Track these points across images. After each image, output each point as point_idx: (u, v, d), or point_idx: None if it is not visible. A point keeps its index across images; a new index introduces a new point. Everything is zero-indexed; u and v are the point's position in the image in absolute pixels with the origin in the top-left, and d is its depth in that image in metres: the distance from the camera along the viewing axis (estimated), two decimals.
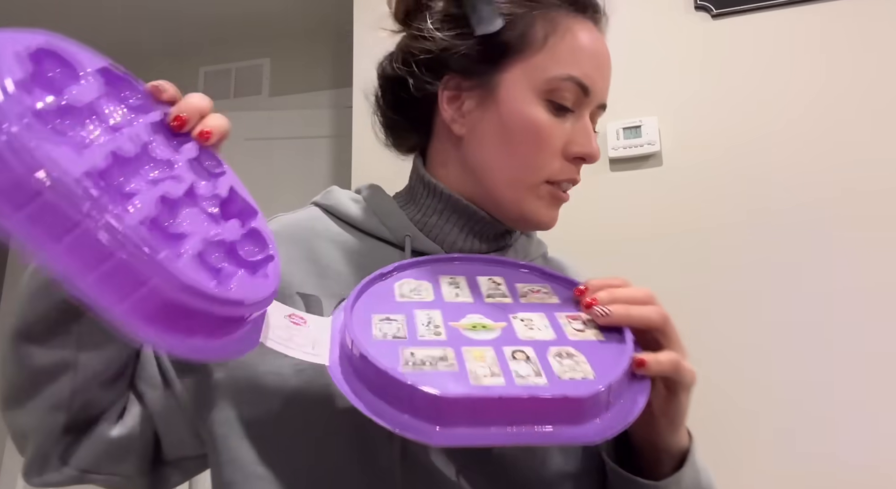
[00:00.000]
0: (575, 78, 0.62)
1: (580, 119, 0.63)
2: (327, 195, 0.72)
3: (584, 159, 0.63)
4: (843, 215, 1.53)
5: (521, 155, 0.62)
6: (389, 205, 0.69)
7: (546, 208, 0.64)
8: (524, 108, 0.62)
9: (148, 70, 3.17)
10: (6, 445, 2.63)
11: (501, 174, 0.63)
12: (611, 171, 1.72)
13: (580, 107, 0.63)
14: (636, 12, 1.80)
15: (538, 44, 0.62)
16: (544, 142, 0.61)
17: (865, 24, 1.62)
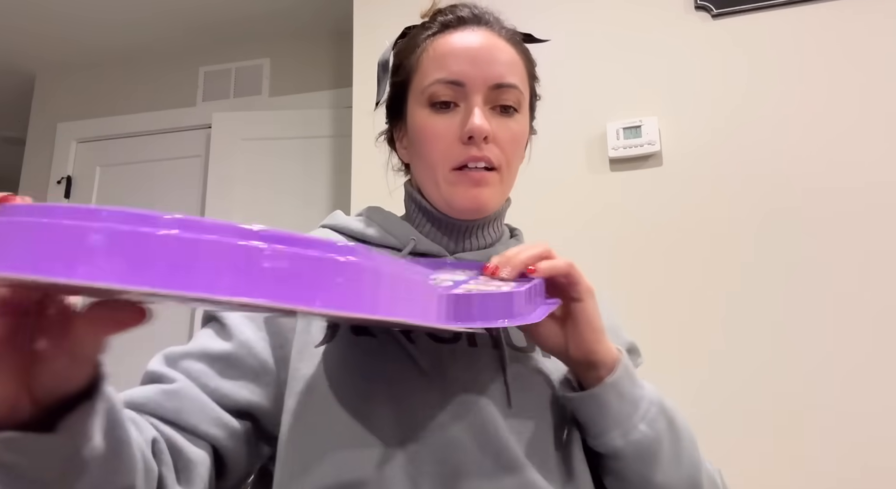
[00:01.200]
0: (440, 79, 0.71)
1: (467, 105, 0.71)
2: (333, 217, 0.80)
3: (472, 137, 0.69)
4: (845, 214, 1.53)
5: (425, 155, 0.72)
6: (390, 217, 0.78)
7: (463, 191, 0.71)
8: (416, 120, 0.73)
9: (148, 70, 3.19)
10: None
11: (424, 178, 0.74)
12: (611, 171, 1.72)
13: (464, 98, 0.71)
14: (636, 12, 1.80)
15: (414, 68, 0.74)
16: (434, 136, 0.71)
17: (865, 24, 1.62)
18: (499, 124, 0.71)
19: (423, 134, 0.72)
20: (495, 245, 0.78)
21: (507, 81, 0.72)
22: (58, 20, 2.78)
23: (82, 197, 2.93)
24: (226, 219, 2.67)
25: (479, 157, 0.70)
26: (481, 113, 0.70)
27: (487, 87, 0.71)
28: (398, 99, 0.77)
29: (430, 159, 0.72)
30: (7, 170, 4.05)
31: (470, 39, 0.73)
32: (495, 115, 0.72)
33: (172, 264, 0.29)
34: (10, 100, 3.34)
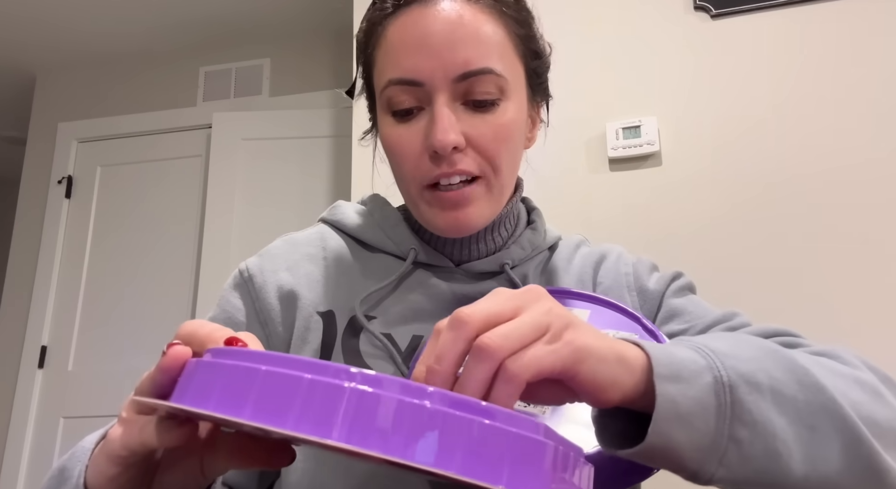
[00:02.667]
0: (393, 80, 0.59)
1: (431, 110, 0.58)
2: (334, 211, 0.73)
3: (436, 151, 0.57)
4: (845, 214, 1.54)
5: (396, 172, 0.63)
6: (394, 218, 0.69)
7: (439, 213, 0.60)
8: (382, 129, 0.63)
9: (149, 70, 3.19)
10: (6, 446, 2.64)
11: (402, 193, 0.65)
12: (610, 171, 1.72)
13: (426, 99, 0.58)
14: (636, 12, 1.80)
15: (372, 67, 0.64)
16: (399, 152, 0.60)
17: (865, 24, 1.62)
18: (474, 123, 0.58)
19: (388, 146, 0.62)
20: (508, 246, 0.69)
21: (476, 67, 0.57)
22: (58, 20, 2.79)
23: (83, 196, 2.93)
24: (225, 218, 2.66)
25: (451, 172, 0.58)
26: (446, 117, 0.57)
27: (450, 81, 0.57)
28: (370, 98, 0.69)
29: (402, 175, 0.62)
30: (7, 170, 4.06)
31: (424, 21, 0.58)
32: (468, 112, 0.59)
33: (408, 434, 0.29)
34: (11, 100, 3.34)
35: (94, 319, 2.75)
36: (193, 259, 2.71)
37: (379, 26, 0.62)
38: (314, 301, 0.64)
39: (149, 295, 2.73)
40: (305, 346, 0.62)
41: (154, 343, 2.62)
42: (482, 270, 0.67)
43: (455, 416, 0.30)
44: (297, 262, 0.67)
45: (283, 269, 0.66)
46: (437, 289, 0.65)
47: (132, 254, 2.80)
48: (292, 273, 0.66)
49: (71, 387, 2.67)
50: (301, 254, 0.68)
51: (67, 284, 2.82)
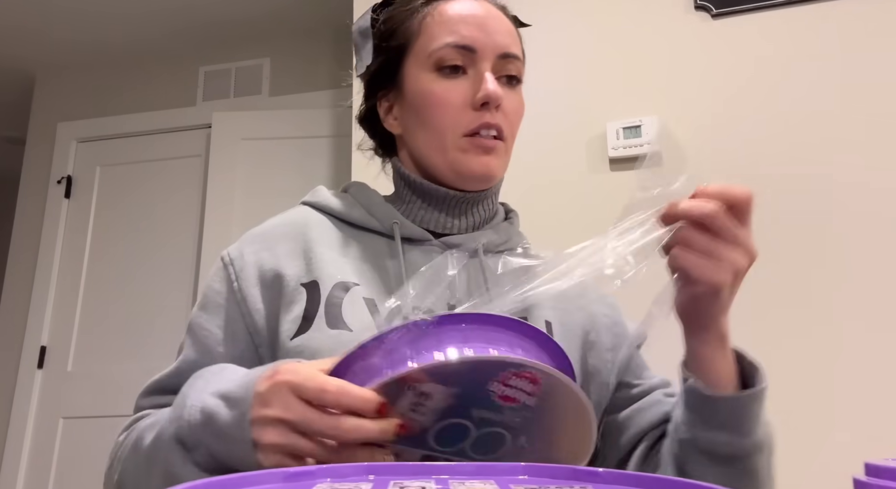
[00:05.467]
0: (450, 43, 0.69)
1: (478, 71, 0.70)
2: (315, 193, 0.79)
3: (486, 102, 0.68)
4: (845, 214, 1.53)
5: (431, 122, 0.70)
6: (374, 197, 0.76)
7: (474, 157, 0.69)
8: (419, 85, 0.71)
9: (148, 70, 3.19)
10: (6, 446, 2.63)
11: (427, 146, 0.71)
12: (611, 171, 1.72)
13: (473, 64, 0.70)
14: (636, 12, 1.80)
15: (416, 33, 0.72)
16: (442, 103, 0.69)
17: (865, 24, 1.62)
18: (505, 94, 0.71)
19: (430, 98, 0.70)
20: (484, 227, 0.76)
21: (513, 52, 0.72)
22: (58, 20, 2.79)
23: (82, 196, 2.93)
24: (225, 218, 2.66)
25: (493, 124, 0.69)
26: (493, 78, 0.69)
27: (496, 56, 0.70)
28: (391, 65, 0.75)
29: (439, 124, 0.70)
30: (7, 170, 4.05)
31: (476, 7, 0.72)
32: (501, 85, 0.71)
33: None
34: (11, 100, 3.34)
35: (94, 319, 2.75)
36: (193, 259, 2.70)
37: (424, 6, 0.73)
38: (297, 274, 0.68)
39: (148, 295, 2.72)
40: (287, 316, 0.66)
41: (154, 343, 2.62)
42: (458, 244, 0.73)
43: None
44: (277, 241, 0.71)
45: (264, 250, 0.70)
46: (415, 264, 0.70)
47: (132, 254, 2.80)
48: (272, 252, 0.70)
49: (70, 388, 2.67)
50: (280, 233, 0.72)
51: (67, 284, 2.82)
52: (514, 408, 0.49)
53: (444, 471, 0.36)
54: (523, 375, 0.47)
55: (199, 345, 0.68)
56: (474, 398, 0.48)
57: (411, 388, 0.46)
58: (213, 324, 0.68)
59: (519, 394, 0.48)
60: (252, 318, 0.67)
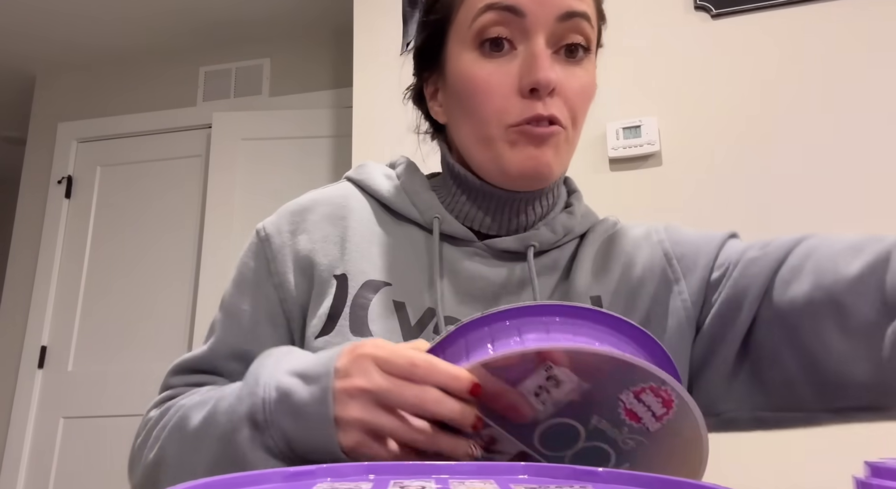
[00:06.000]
0: (492, 3, 0.56)
1: (529, 47, 0.57)
2: (360, 169, 0.70)
3: (536, 89, 0.56)
4: (846, 213, 1.54)
5: (473, 112, 0.59)
6: (420, 184, 0.67)
7: (522, 151, 0.58)
8: (460, 67, 0.60)
9: (148, 70, 3.19)
10: (6, 446, 2.64)
11: (469, 138, 0.61)
12: (611, 171, 1.72)
13: (523, 34, 0.57)
14: (636, 12, 1.80)
15: (458, 2, 0.60)
16: (485, 90, 0.58)
17: (865, 24, 1.62)
18: (565, 73, 0.58)
19: (471, 84, 0.58)
20: (538, 226, 0.65)
21: (579, 9, 0.57)
22: (58, 20, 2.79)
23: (83, 196, 2.93)
24: (225, 218, 2.66)
25: (544, 116, 0.56)
26: (547, 56, 0.56)
27: (553, 19, 0.56)
28: (433, 42, 0.64)
29: (481, 115, 0.58)
30: (7, 170, 4.05)
31: None
32: (560, 61, 0.58)
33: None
34: (11, 100, 3.34)
35: (94, 319, 2.75)
36: (193, 259, 2.71)
37: None
38: (330, 265, 0.62)
39: (149, 295, 2.73)
40: (319, 310, 0.61)
41: (154, 343, 2.62)
42: (506, 248, 0.63)
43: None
44: (316, 224, 0.64)
45: (301, 231, 0.64)
46: (455, 266, 0.63)
47: (132, 254, 2.80)
48: (310, 235, 0.64)
49: (71, 387, 2.67)
50: (321, 215, 0.65)
51: (67, 284, 2.82)
52: (634, 427, 0.45)
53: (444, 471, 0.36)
54: (660, 393, 0.43)
55: (235, 326, 0.63)
56: (601, 403, 0.44)
57: (547, 369, 0.43)
58: (248, 304, 0.63)
59: (645, 414, 0.44)
60: (288, 305, 0.63)
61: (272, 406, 0.46)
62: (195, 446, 0.52)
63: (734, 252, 0.62)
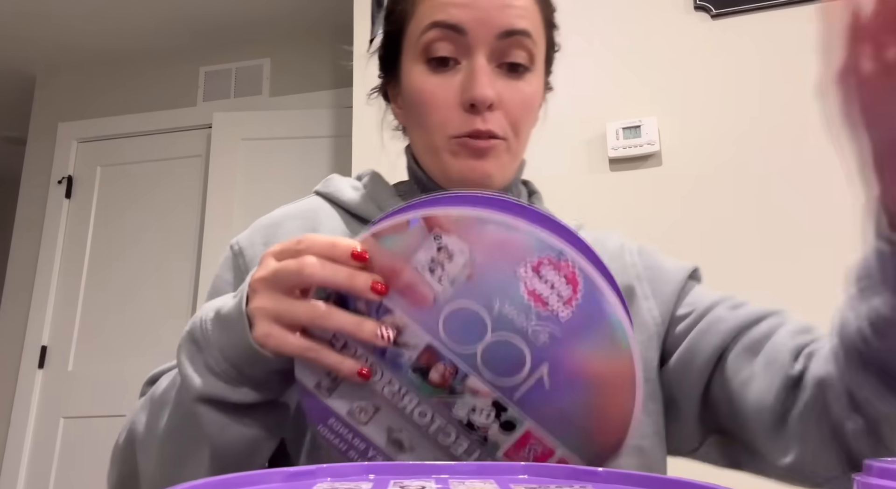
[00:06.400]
0: (437, 22, 0.60)
1: (470, 64, 0.60)
2: (327, 183, 0.73)
3: (474, 105, 0.59)
4: (845, 214, 1.54)
5: (420, 122, 0.63)
6: (387, 192, 0.69)
7: (464, 162, 0.61)
8: (411, 79, 0.63)
9: (149, 70, 3.19)
10: (6, 446, 2.64)
11: (418, 146, 0.66)
12: (610, 171, 1.72)
13: (466, 50, 0.60)
14: (636, 12, 1.80)
15: (410, 14, 0.63)
16: (430, 103, 0.61)
17: None
18: (506, 86, 0.61)
19: (419, 96, 0.62)
20: None
21: (518, 27, 0.60)
22: (58, 20, 2.79)
23: (83, 196, 2.93)
24: (225, 218, 2.66)
25: (483, 131, 0.60)
26: (486, 73, 0.59)
27: (494, 36, 0.60)
28: (392, 51, 0.67)
29: (427, 125, 0.62)
30: (7, 170, 4.06)
31: None
32: (502, 76, 0.61)
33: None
34: (11, 100, 3.34)
35: (94, 319, 2.75)
36: (193, 259, 2.71)
37: None
38: None
39: (149, 294, 2.73)
40: None
41: (154, 343, 2.62)
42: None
43: None
44: (288, 236, 0.65)
45: (273, 243, 0.66)
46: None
47: (132, 254, 2.80)
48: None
49: (71, 387, 2.67)
50: (292, 228, 0.67)
51: (67, 284, 2.82)
52: (542, 314, 0.42)
53: (444, 471, 0.37)
54: (561, 267, 0.41)
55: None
56: (499, 282, 0.42)
57: (436, 237, 0.42)
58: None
59: (551, 297, 0.42)
60: None
61: (208, 324, 0.49)
62: (161, 405, 0.53)
63: (704, 299, 0.68)
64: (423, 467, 0.37)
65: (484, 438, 0.45)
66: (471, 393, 0.44)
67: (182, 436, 0.50)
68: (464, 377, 0.44)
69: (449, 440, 0.46)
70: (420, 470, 0.36)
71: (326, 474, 0.35)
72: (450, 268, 0.43)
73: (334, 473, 0.35)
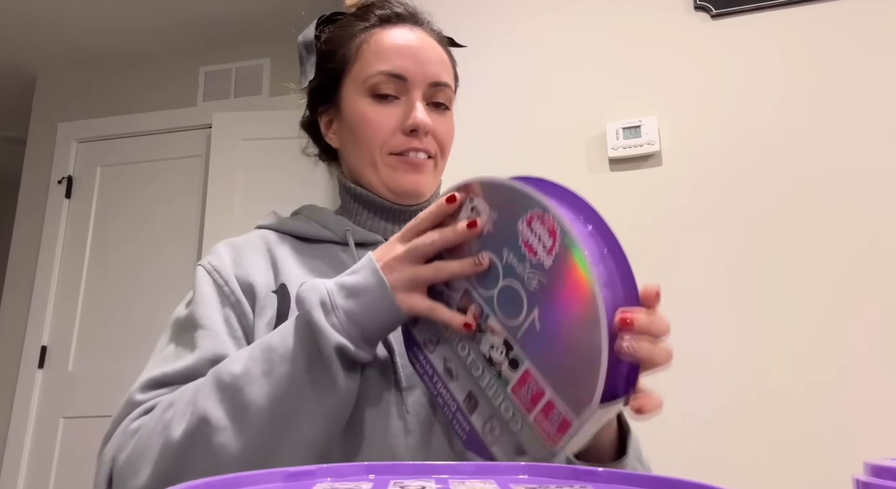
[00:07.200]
0: (384, 71, 0.75)
1: (410, 100, 0.76)
2: (268, 217, 0.83)
3: (415, 129, 0.74)
4: (846, 214, 1.54)
5: (363, 141, 0.76)
6: (325, 212, 0.81)
7: (403, 174, 0.76)
8: (354, 108, 0.77)
9: (149, 70, 3.19)
10: (6, 446, 2.64)
11: (360, 161, 0.78)
12: (610, 171, 1.72)
13: (405, 92, 0.76)
14: (636, 12, 1.80)
15: (353, 57, 0.78)
16: (374, 125, 0.75)
17: (865, 24, 1.63)
18: (435, 119, 0.77)
19: (364, 121, 0.76)
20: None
21: (443, 80, 0.78)
22: (58, 20, 2.79)
23: (83, 196, 2.93)
24: (225, 218, 2.65)
25: (421, 147, 0.76)
26: (423, 108, 0.75)
27: (427, 84, 0.76)
28: (330, 85, 0.80)
29: (369, 143, 0.76)
30: (7, 170, 4.06)
31: (411, 37, 0.78)
32: (431, 111, 0.77)
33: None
34: (11, 100, 3.34)
35: (95, 319, 2.75)
36: (193, 259, 2.71)
37: (362, 32, 0.78)
38: (267, 283, 0.72)
39: (149, 294, 2.73)
40: (261, 320, 0.70)
41: (154, 343, 2.62)
42: None
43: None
44: (247, 252, 0.76)
45: (239, 262, 0.75)
46: None
47: (132, 254, 2.80)
48: (244, 263, 0.74)
49: (71, 387, 2.67)
50: (249, 247, 0.77)
51: (67, 284, 2.82)
52: (533, 262, 0.50)
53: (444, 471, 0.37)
54: (545, 221, 0.49)
55: (215, 336, 0.67)
56: (507, 235, 0.52)
57: (470, 200, 0.55)
58: (219, 317, 0.69)
59: (538, 246, 0.50)
60: (247, 319, 0.70)
61: (334, 294, 0.59)
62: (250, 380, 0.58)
63: None
64: (423, 467, 0.37)
65: (499, 374, 0.52)
66: (491, 332, 0.53)
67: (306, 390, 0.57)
68: (486, 317, 0.54)
69: (478, 373, 0.54)
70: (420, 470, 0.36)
71: (326, 474, 0.35)
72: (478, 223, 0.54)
73: (334, 473, 0.35)
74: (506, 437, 0.51)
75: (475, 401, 0.54)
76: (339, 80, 0.79)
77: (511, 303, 0.51)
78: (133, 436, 0.61)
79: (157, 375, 0.65)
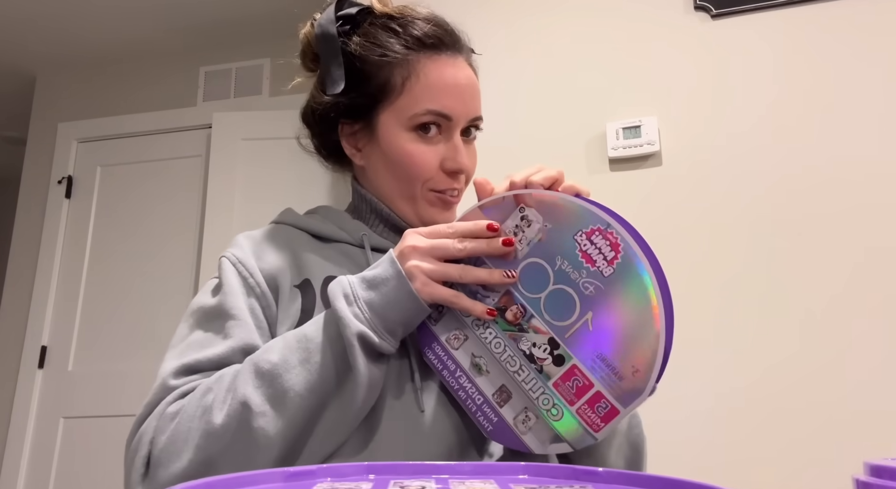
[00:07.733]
0: (432, 111, 0.75)
1: (450, 139, 0.77)
2: (284, 214, 0.83)
3: (458, 172, 0.77)
4: (844, 212, 1.54)
5: (402, 176, 0.77)
6: (342, 215, 0.82)
7: (439, 212, 0.78)
8: (397, 142, 0.76)
9: (149, 70, 3.18)
10: (6, 446, 2.64)
11: (395, 191, 0.79)
12: (610, 171, 1.72)
13: (448, 130, 0.76)
14: (636, 12, 1.80)
15: (398, 89, 0.76)
16: (417, 164, 0.76)
17: (865, 24, 1.63)
18: (468, 151, 0.79)
19: (407, 157, 0.76)
20: None
21: (480, 114, 0.80)
22: (59, 20, 2.79)
23: (83, 196, 2.93)
24: (225, 218, 2.66)
25: (459, 187, 0.79)
26: (462, 148, 0.77)
27: (468, 121, 0.78)
28: (364, 104, 0.77)
29: (411, 178, 0.76)
30: (8, 170, 4.06)
31: (459, 76, 0.77)
32: (466, 144, 0.79)
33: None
34: (11, 100, 3.34)
35: (94, 319, 2.75)
36: (193, 259, 2.71)
37: (409, 63, 0.76)
38: (290, 278, 0.73)
39: (149, 294, 2.73)
40: (285, 314, 0.71)
41: (154, 343, 2.62)
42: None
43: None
44: (264, 251, 0.76)
45: (262, 255, 0.75)
46: None
47: (132, 254, 2.80)
48: (267, 256, 0.75)
49: (71, 387, 2.67)
50: (266, 244, 0.77)
51: (67, 284, 2.82)
52: (591, 271, 0.56)
53: (444, 471, 0.37)
54: (608, 236, 0.55)
55: (245, 326, 0.68)
56: (562, 244, 0.58)
57: (521, 209, 0.60)
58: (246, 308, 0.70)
59: (598, 257, 0.56)
60: (270, 311, 0.71)
61: (355, 286, 0.63)
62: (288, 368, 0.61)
63: None
64: (423, 467, 0.37)
65: (540, 369, 0.58)
66: (534, 330, 0.59)
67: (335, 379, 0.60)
68: (530, 317, 0.59)
69: (514, 368, 0.60)
70: (420, 470, 0.36)
71: (326, 474, 0.35)
72: (528, 232, 0.60)
73: (334, 473, 0.35)
74: (541, 426, 0.58)
75: (507, 394, 0.60)
76: (376, 105, 0.77)
77: (561, 305, 0.57)
78: (172, 420, 0.62)
79: (190, 362, 0.66)
